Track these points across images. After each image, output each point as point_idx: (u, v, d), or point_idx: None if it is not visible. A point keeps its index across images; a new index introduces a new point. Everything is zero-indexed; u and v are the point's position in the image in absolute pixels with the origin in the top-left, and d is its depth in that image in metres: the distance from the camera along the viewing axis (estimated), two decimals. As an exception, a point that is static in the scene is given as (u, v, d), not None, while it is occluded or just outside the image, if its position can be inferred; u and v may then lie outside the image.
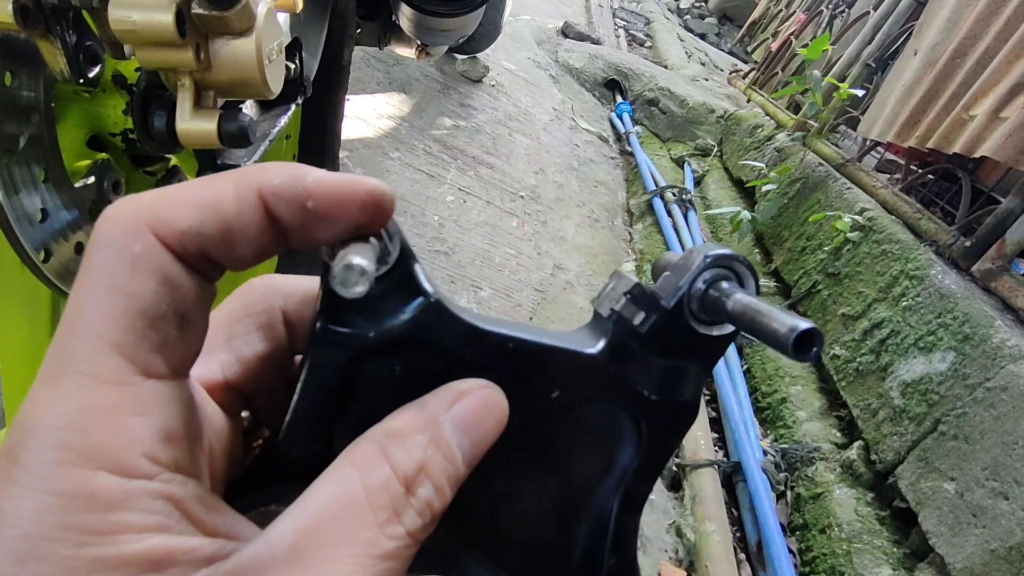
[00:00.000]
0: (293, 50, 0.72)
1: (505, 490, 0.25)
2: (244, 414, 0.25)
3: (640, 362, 0.25)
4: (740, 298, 0.22)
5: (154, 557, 0.17)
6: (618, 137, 3.49)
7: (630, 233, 2.66)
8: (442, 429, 0.21)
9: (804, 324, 0.20)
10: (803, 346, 0.20)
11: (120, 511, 0.16)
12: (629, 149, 3.28)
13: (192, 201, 0.19)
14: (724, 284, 0.24)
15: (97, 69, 0.58)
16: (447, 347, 0.23)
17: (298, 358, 0.24)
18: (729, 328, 0.24)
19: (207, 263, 0.19)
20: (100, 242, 0.18)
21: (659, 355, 0.25)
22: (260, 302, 0.24)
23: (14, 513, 0.16)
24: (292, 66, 0.72)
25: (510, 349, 0.23)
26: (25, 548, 0.16)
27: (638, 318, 0.24)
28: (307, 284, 0.25)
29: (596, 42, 4.53)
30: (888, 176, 2.19)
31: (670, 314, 0.24)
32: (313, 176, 0.20)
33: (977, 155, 1.61)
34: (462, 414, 0.21)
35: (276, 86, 0.56)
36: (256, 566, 0.18)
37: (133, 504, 0.17)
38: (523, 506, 0.25)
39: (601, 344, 0.24)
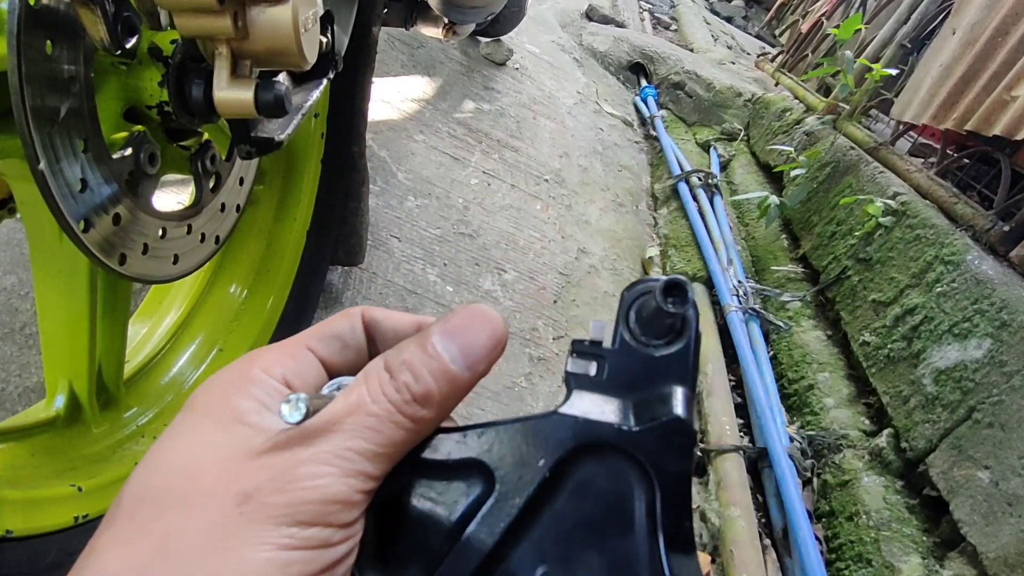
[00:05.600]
0: (326, 23, 0.72)
1: None
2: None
3: (614, 405, 0.25)
4: (644, 297, 0.25)
5: (237, 414, 0.26)
6: (643, 121, 3.45)
7: (655, 218, 2.64)
8: (429, 339, 0.26)
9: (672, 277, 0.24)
10: (672, 292, 0.23)
11: (255, 365, 0.28)
12: (654, 133, 3.23)
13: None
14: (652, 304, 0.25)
15: (134, 40, 0.59)
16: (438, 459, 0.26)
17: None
18: (684, 340, 0.25)
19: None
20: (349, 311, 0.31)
21: (631, 391, 0.25)
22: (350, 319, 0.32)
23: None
24: (324, 40, 0.71)
25: (480, 435, 0.25)
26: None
27: (592, 369, 0.26)
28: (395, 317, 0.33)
29: (621, 25, 4.47)
30: (922, 160, 2.14)
31: (618, 353, 0.25)
32: None
33: (1019, 137, 1.56)
34: (449, 326, 0.26)
35: (311, 56, 0.56)
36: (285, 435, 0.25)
37: (260, 383, 0.27)
38: None
39: (560, 405, 0.25)
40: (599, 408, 0.25)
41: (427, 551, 0.25)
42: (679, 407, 0.24)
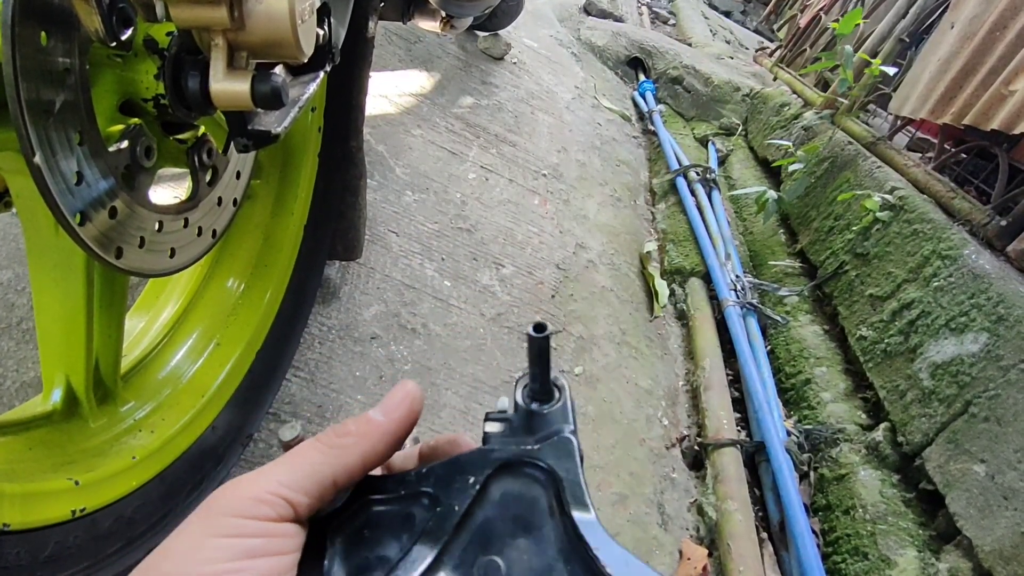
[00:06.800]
0: (322, 16, 0.72)
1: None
2: None
3: (521, 442, 0.35)
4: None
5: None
6: (641, 116, 3.44)
7: (652, 213, 2.64)
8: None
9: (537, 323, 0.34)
10: (537, 329, 0.33)
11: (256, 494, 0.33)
12: (652, 128, 3.23)
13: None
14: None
15: (130, 32, 0.58)
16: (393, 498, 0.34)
17: None
18: (563, 399, 0.36)
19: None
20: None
21: (531, 434, 0.35)
22: None
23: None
24: (321, 32, 0.71)
25: (424, 473, 0.34)
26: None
27: (502, 428, 0.36)
28: None
29: (619, 19, 4.46)
30: (920, 155, 2.14)
31: (518, 416, 0.36)
32: None
33: (1017, 132, 1.56)
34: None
35: (308, 48, 0.56)
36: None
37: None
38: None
39: (480, 446, 0.35)
40: (511, 443, 0.35)
41: (388, 560, 0.31)
42: (569, 428, 0.35)
